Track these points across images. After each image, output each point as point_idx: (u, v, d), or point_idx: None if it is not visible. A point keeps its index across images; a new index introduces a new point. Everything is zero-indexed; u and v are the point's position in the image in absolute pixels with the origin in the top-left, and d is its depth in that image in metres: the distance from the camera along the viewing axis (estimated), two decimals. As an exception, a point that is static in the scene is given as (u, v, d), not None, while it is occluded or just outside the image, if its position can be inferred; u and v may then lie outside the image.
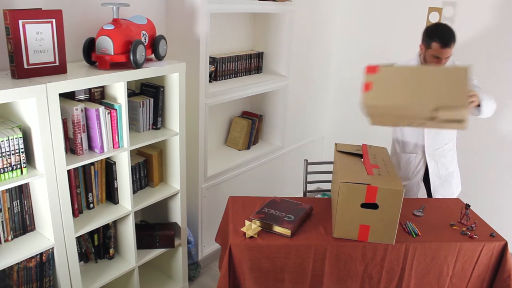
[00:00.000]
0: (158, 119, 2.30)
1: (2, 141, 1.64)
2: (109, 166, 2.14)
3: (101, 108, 1.93)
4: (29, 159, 1.79)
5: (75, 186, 2.01)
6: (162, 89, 2.27)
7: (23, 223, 1.88)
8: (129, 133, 2.06)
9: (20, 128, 1.72)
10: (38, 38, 1.73)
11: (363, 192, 1.86)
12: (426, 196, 2.71)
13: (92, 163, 2.06)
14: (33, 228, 1.92)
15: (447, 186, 2.64)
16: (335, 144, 2.28)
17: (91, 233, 2.20)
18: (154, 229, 2.43)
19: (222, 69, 2.92)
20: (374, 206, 1.89)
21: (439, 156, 2.57)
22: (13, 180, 1.69)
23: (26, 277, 1.86)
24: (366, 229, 1.93)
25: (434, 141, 2.53)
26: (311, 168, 2.89)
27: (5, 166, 1.67)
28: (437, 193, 2.63)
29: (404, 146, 2.59)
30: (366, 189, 1.86)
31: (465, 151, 3.06)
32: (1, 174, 1.67)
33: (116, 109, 1.99)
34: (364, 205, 1.89)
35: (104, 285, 2.16)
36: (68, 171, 1.90)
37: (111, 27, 1.96)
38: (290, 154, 3.57)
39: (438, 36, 2.23)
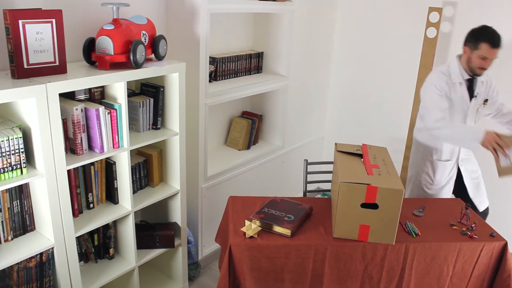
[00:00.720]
0: (158, 119, 2.30)
1: (2, 141, 1.64)
2: (109, 166, 2.13)
3: (101, 108, 1.93)
4: (29, 159, 1.79)
5: (75, 186, 2.01)
6: (162, 89, 2.27)
7: (23, 223, 1.88)
8: (129, 133, 2.06)
9: (20, 128, 1.72)
10: (38, 38, 1.73)
11: (363, 192, 1.86)
12: None
13: (92, 163, 2.05)
14: (33, 228, 1.92)
15: (481, 188, 2.66)
16: (335, 144, 2.28)
17: (91, 233, 2.20)
18: (154, 229, 2.43)
19: (222, 69, 2.92)
20: (374, 206, 1.89)
21: (468, 162, 2.62)
22: (13, 180, 1.69)
23: (26, 277, 1.86)
24: (366, 229, 1.93)
25: None
26: (311, 168, 2.89)
27: (5, 166, 1.67)
28: (476, 197, 2.63)
29: (441, 153, 2.59)
30: (366, 189, 1.85)
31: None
32: (1, 174, 1.67)
33: (116, 109, 1.99)
34: (364, 205, 1.89)
35: (104, 285, 2.16)
36: (68, 171, 1.90)
37: (111, 27, 1.96)
38: (290, 154, 3.57)
39: (488, 37, 2.25)
